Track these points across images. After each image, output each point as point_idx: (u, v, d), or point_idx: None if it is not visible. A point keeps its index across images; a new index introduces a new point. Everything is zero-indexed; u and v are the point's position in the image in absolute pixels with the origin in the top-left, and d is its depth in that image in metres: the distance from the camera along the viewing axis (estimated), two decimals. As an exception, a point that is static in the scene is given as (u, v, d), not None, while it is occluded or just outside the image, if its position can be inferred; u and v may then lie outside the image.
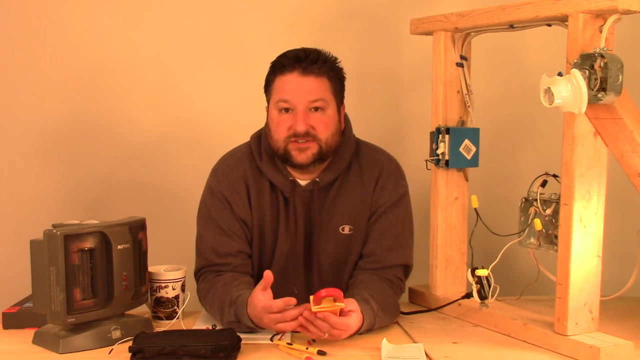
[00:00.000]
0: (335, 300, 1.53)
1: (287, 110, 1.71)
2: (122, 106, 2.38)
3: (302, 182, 1.79)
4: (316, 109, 1.71)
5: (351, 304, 1.59)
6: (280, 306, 1.56)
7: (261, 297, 1.58)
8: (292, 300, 1.56)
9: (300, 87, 1.70)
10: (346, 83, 1.81)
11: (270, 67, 1.76)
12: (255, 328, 1.64)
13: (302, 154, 1.72)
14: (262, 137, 1.82)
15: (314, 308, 1.52)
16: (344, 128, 1.82)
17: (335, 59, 1.77)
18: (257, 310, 1.59)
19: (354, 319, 1.58)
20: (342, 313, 1.56)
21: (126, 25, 2.36)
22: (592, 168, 1.54)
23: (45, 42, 2.34)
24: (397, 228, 1.82)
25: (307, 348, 1.54)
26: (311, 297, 1.53)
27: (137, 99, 2.39)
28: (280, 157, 1.75)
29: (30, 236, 1.58)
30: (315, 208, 1.79)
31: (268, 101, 1.77)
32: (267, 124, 1.79)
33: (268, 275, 1.58)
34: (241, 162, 1.82)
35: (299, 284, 1.82)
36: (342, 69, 1.79)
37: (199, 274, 1.82)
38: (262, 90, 1.78)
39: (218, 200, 1.80)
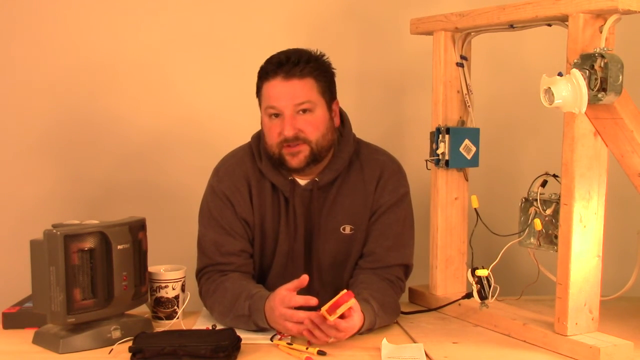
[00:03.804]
0: (347, 302, 1.52)
1: (276, 115, 1.72)
2: (122, 106, 2.38)
3: (302, 182, 1.79)
4: (304, 111, 1.71)
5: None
6: (299, 302, 1.56)
7: (284, 291, 1.59)
8: (314, 300, 1.56)
9: (285, 91, 1.69)
10: (346, 83, 1.81)
11: (258, 74, 1.76)
12: (261, 328, 1.64)
13: (295, 158, 1.72)
14: (260, 138, 1.83)
15: (332, 318, 1.50)
16: (343, 126, 1.82)
17: (321, 55, 1.76)
18: (275, 301, 1.58)
19: (357, 319, 1.57)
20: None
21: (126, 25, 2.36)
22: (592, 168, 1.54)
23: (45, 43, 2.34)
24: (397, 228, 1.82)
25: (307, 348, 1.54)
26: (324, 310, 1.51)
27: (137, 99, 2.39)
28: (276, 162, 1.76)
29: (30, 236, 1.58)
30: (315, 208, 1.79)
31: (260, 107, 1.78)
32: (261, 129, 1.80)
33: (304, 278, 1.59)
34: (243, 162, 1.82)
35: (299, 284, 1.82)
36: (329, 64, 1.77)
37: (201, 273, 1.82)
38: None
39: (220, 199, 1.80)
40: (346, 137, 1.82)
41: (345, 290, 1.54)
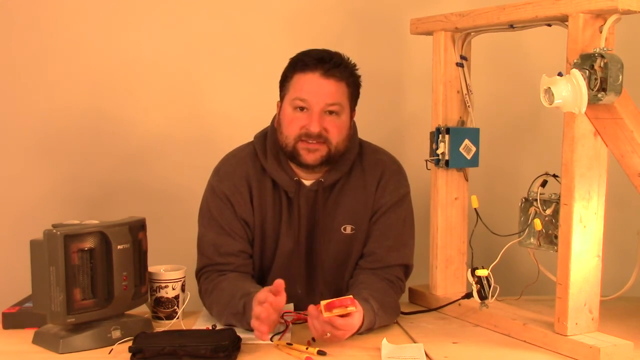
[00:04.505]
0: (347, 306, 1.52)
1: (302, 109, 1.71)
2: (122, 106, 2.38)
3: (307, 182, 1.79)
4: (331, 112, 1.71)
5: None
6: (264, 297, 1.53)
7: (264, 291, 1.57)
8: (280, 283, 1.53)
9: (320, 88, 1.70)
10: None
11: (291, 64, 1.75)
12: (250, 328, 1.63)
13: (311, 155, 1.72)
14: (267, 136, 1.82)
15: (326, 314, 1.50)
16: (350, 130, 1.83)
17: (355, 65, 1.78)
18: (256, 299, 1.57)
19: (356, 318, 1.57)
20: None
21: (127, 25, 2.36)
22: (592, 168, 1.54)
23: (45, 43, 2.34)
24: (398, 228, 1.82)
25: (307, 348, 1.53)
26: (322, 304, 1.51)
27: (137, 99, 2.39)
28: (287, 154, 1.75)
29: (30, 236, 1.58)
30: (319, 208, 1.79)
31: (282, 96, 1.77)
32: (277, 119, 1.79)
33: (279, 283, 1.56)
34: (244, 162, 1.82)
35: (300, 284, 1.82)
36: (360, 76, 1.79)
37: (200, 273, 1.82)
38: (264, 90, 1.78)
39: (220, 200, 1.80)
40: (352, 141, 1.82)
41: (350, 295, 1.54)
